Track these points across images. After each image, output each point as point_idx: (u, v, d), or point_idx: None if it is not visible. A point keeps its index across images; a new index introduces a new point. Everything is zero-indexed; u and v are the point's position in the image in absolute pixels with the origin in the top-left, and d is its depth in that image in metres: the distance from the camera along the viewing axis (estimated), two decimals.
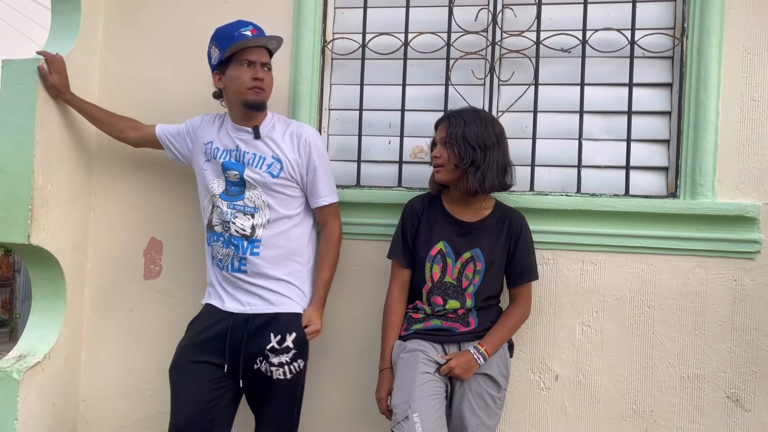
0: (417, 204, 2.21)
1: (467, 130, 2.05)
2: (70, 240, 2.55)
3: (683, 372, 2.25)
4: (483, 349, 2.04)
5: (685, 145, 2.26)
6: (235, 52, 2.13)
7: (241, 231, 2.17)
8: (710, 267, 2.24)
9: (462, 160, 2.04)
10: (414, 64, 2.52)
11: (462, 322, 2.11)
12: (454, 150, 2.05)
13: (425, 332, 2.12)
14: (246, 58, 2.14)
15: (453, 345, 2.10)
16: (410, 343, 2.11)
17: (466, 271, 2.10)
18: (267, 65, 2.19)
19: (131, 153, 2.60)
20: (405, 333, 2.16)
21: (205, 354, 2.14)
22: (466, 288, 2.10)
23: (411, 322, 2.16)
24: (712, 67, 2.22)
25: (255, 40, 2.14)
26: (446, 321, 2.11)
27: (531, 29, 2.41)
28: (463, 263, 2.11)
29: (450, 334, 2.11)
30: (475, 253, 2.10)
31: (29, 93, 2.34)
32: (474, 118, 2.08)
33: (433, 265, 2.12)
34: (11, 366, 2.37)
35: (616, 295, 2.29)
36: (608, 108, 2.38)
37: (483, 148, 2.04)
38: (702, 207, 2.21)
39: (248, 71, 2.14)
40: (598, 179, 2.37)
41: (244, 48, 2.14)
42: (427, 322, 2.13)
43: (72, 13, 2.54)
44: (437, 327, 2.12)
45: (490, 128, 2.07)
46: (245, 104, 2.17)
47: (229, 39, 2.13)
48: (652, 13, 2.36)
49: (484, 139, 2.04)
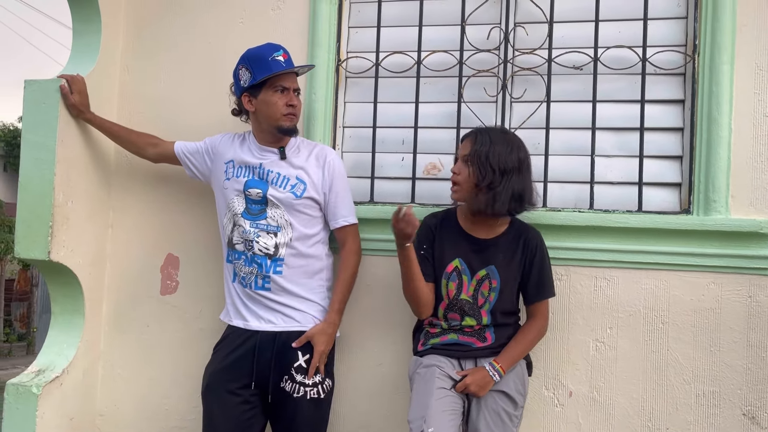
0: (432, 220, 2.22)
1: (492, 150, 2.02)
2: (88, 256, 2.59)
3: (698, 389, 2.24)
4: (498, 365, 2.04)
5: (698, 161, 2.26)
6: (268, 78, 2.17)
7: (265, 250, 2.20)
8: (725, 283, 2.23)
9: (482, 180, 2.02)
10: (427, 82, 2.55)
11: (479, 337, 2.11)
12: (475, 169, 2.03)
13: (442, 347, 2.13)
14: (280, 84, 2.18)
15: (469, 360, 2.10)
16: (427, 359, 2.12)
17: (481, 289, 2.11)
18: (298, 90, 2.25)
19: (149, 170, 2.65)
20: (422, 348, 2.17)
21: (236, 377, 2.19)
22: (482, 305, 2.11)
23: (428, 337, 2.17)
24: (724, 83, 2.23)
25: (291, 67, 2.19)
26: (463, 335, 2.12)
27: (543, 47, 2.43)
28: (478, 280, 2.11)
29: (467, 349, 2.11)
30: (491, 270, 2.11)
31: (51, 112, 2.40)
32: (501, 139, 2.06)
33: (449, 282, 2.13)
34: (30, 381, 2.41)
35: (629, 311, 2.29)
36: (620, 124, 2.39)
37: (502, 172, 2.02)
38: (716, 223, 2.21)
39: (282, 97, 2.18)
40: (610, 195, 2.38)
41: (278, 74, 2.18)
42: (443, 336, 2.14)
43: (93, 34, 2.61)
44: (454, 341, 2.12)
45: (515, 153, 2.05)
46: (279, 129, 2.21)
47: (262, 64, 2.16)
48: (664, 31, 2.37)
49: (506, 162, 2.02)
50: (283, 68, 2.17)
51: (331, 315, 2.22)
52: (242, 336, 2.22)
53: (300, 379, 2.16)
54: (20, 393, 2.38)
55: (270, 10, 2.63)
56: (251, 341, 2.20)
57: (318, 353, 2.16)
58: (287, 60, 2.20)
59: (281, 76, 2.18)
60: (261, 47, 2.22)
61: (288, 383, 2.15)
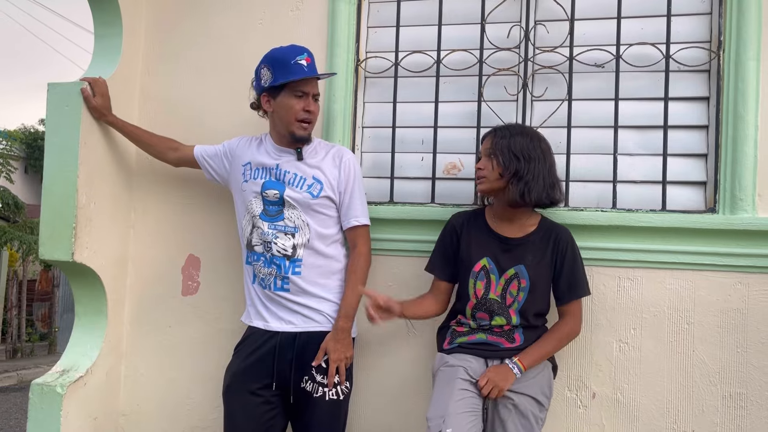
0: (458, 219, 2.22)
1: (512, 141, 2.05)
2: (111, 257, 2.61)
3: (725, 390, 2.20)
4: (517, 359, 2.02)
5: (723, 159, 2.23)
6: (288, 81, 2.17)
7: (283, 251, 2.20)
8: (751, 283, 2.19)
9: (506, 169, 2.03)
10: (446, 81, 2.54)
11: (507, 337, 2.10)
12: (498, 159, 2.04)
13: (469, 345, 2.12)
14: (300, 89, 2.17)
15: (496, 360, 2.08)
16: (453, 357, 2.10)
17: (510, 288, 2.09)
18: (317, 96, 2.24)
19: (170, 172, 2.67)
20: (449, 346, 2.15)
21: (257, 378, 2.20)
22: (511, 305, 2.09)
23: (455, 336, 2.16)
24: (750, 80, 2.19)
25: (312, 75, 2.17)
26: (491, 335, 2.10)
27: (564, 45, 2.41)
28: (507, 280, 2.10)
29: (494, 349, 2.09)
30: (519, 269, 2.09)
31: (74, 115, 2.42)
32: (520, 130, 2.09)
33: (477, 281, 2.12)
34: (55, 380, 2.43)
35: (654, 311, 2.26)
36: (643, 122, 2.36)
37: (527, 159, 2.02)
38: (742, 222, 2.17)
39: (300, 102, 2.18)
40: (634, 194, 2.35)
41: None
42: (472, 335, 2.12)
43: (114, 37, 2.63)
44: (482, 341, 2.11)
45: (536, 142, 2.07)
46: (292, 136, 2.22)
47: (284, 67, 2.15)
48: (688, 27, 2.34)
49: (529, 150, 2.04)
50: (304, 75, 2.15)
51: (341, 322, 2.19)
52: (263, 337, 2.22)
53: (320, 380, 2.16)
54: (45, 393, 2.41)
55: (289, 11, 2.63)
56: (272, 342, 2.20)
57: (333, 362, 2.16)
58: (310, 64, 2.18)
59: (301, 81, 2.17)
60: (285, 49, 2.21)
61: (308, 383, 2.15)
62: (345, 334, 2.19)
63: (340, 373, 2.17)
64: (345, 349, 2.18)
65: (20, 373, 8.87)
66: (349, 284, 2.24)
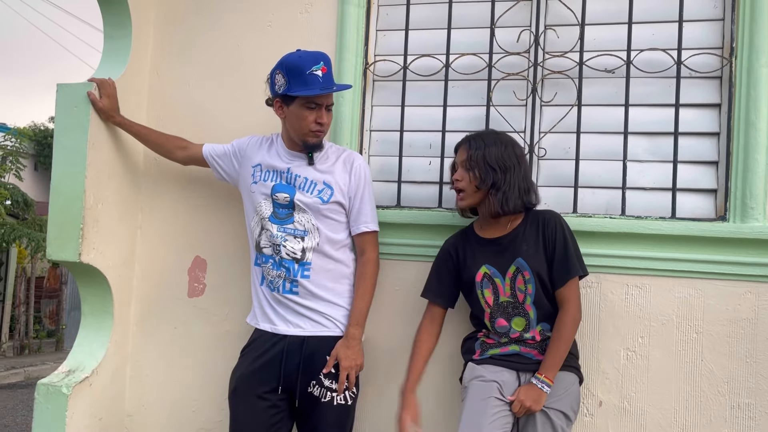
0: (450, 242, 2.25)
1: (488, 152, 2.07)
2: (118, 258, 2.62)
3: (733, 401, 2.18)
4: (543, 376, 2.00)
5: (734, 167, 2.20)
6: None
7: (292, 254, 2.20)
8: (762, 293, 2.17)
9: (483, 182, 2.06)
10: (455, 85, 2.53)
11: (539, 349, 2.08)
12: (474, 172, 2.06)
13: (501, 357, 2.10)
14: (314, 101, 2.15)
15: (528, 373, 2.06)
16: (484, 369, 2.09)
17: (517, 285, 2.08)
18: (330, 106, 2.22)
19: (177, 173, 2.67)
20: (479, 357, 2.14)
21: (264, 381, 2.19)
22: (524, 301, 2.08)
23: (486, 347, 2.14)
24: (762, 87, 2.17)
25: (326, 92, 2.15)
26: (525, 347, 2.09)
27: (574, 50, 2.39)
28: (511, 278, 2.09)
29: (527, 361, 2.08)
30: (519, 263, 2.08)
31: (82, 116, 2.43)
32: (494, 140, 2.10)
33: (483, 290, 2.11)
34: (61, 381, 2.44)
35: (662, 320, 2.24)
36: (654, 129, 2.35)
37: (503, 170, 2.05)
38: (753, 231, 2.15)
39: (313, 113, 2.16)
40: (643, 201, 2.33)
41: None
42: (504, 347, 2.11)
43: (123, 38, 2.63)
44: (515, 353, 2.09)
45: (510, 149, 2.09)
46: (304, 144, 2.21)
47: (299, 77, 2.12)
48: (699, 33, 2.32)
49: (504, 160, 2.06)
50: (318, 91, 2.12)
51: (351, 329, 2.19)
52: (270, 340, 2.22)
53: (328, 384, 2.15)
54: (50, 393, 2.41)
55: (298, 14, 2.63)
56: (279, 345, 2.20)
57: (344, 369, 2.15)
58: (326, 74, 2.14)
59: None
60: (302, 57, 2.16)
61: (316, 388, 2.15)
62: (356, 341, 2.19)
63: (350, 380, 2.16)
64: (356, 356, 2.17)
65: (27, 370, 8.92)
66: (358, 291, 2.23)
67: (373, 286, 2.26)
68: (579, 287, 2.09)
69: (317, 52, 2.20)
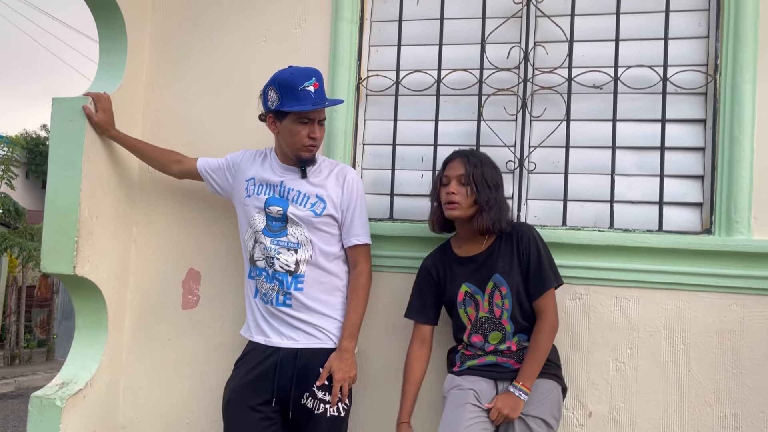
0: (428, 261, 2.28)
1: (485, 170, 2.14)
2: (112, 270, 2.63)
3: (720, 411, 2.22)
4: (521, 384, 2.03)
5: (719, 181, 2.25)
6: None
7: (286, 267, 2.23)
8: (747, 305, 2.21)
9: (479, 198, 2.11)
10: (446, 100, 2.57)
11: (516, 358, 2.11)
12: (473, 188, 2.11)
13: (479, 368, 2.14)
14: (306, 116, 2.18)
15: (506, 382, 2.09)
16: (463, 379, 2.13)
17: (494, 300, 2.12)
18: (323, 120, 2.25)
19: (172, 186, 2.69)
20: (458, 369, 2.18)
21: (257, 393, 2.21)
22: (500, 316, 2.12)
23: (464, 359, 2.18)
24: (746, 103, 2.22)
25: (318, 107, 2.17)
26: (501, 357, 2.13)
27: (563, 66, 2.44)
28: (489, 294, 2.13)
29: (504, 371, 2.11)
30: (496, 279, 2.12)
31: (78, 129, 2.45)
32: (487, 159, 2.20)
33: (466, 308, 2.15)
34: (54, 393, 2.44)
35: (650, 331, 2.28)
36: (641, 144, 2.39)
37: (497, 189, 2.14)
38: (738, 244, 2.20)
39: (305, 128, 2.19)
40: (631, 215, 2.37)
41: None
42: (482, 358, 2.15)
43: (118, 53, 2.66)
44: (492, 363, 2.13)
45: (498, 171, 2.20)
46: (297, 158, 2.24)
47: (291, 93, 2.15)
48: (685, 50, 2.37)
49: (496, 179, 2.16)
50: (310, 107, 2.15)
51: (344, 342, 2.21)
52: (264, 353, 2.24)
53: (321, 396, 2.17)
54: (44, 405, 2.42)
55: (292, 29, 2.67)
56: (273, 358, 2.22)
57: (337, 382, 2.17)
58: (317, 90, 2.17)
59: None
60: (294, 73, 2.19)
61: (309, 400, 2.17)
62: (349, 354, 2.21)
63: (343, 393, 2.19)
64: (349, 369, 2.20)
65: (18, 380, 8.87)
66: (351, 304, 2.26)
67: (366, 298, 2.28)
68: (555, 297, 2.13)
69: (309, 68, 2.24)
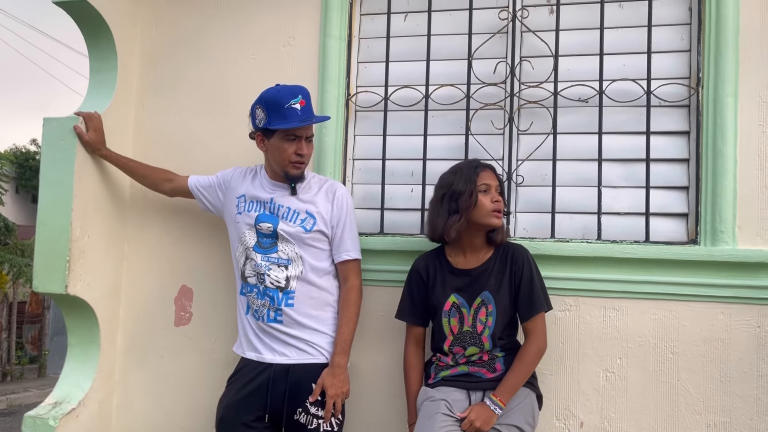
0: (420, 263, 2.28)
1: (500, 180, 2.23)
2: (104, 289, 2.64)
3: (709, 419, 2.24)
4: (497, 399, 2.05)
5: (704, 192, 2.29)
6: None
7: (276, 283, 2.24)
8: (733, 313, 2.24)
9: (506, 207, 2.23)
10: (435, 115, 2.60)
11: (488, 368, 2.14)
12: (504, 200, 2.20)
13: (452, 378, 2.16)
14: (293, 134, 2.21)
15: (478, 392, 2.12)
16: (436, 391, 2.14)
17: (479, 316, 2.14)
18: (310, 137, 2.28)
19: (163, 204, 2.71)
20: (432, 381, 2.20)
21: (250, 410, 2.21)
22: (482, 332, 2.13)
23: (438, 370, 2.20)
24: (729, 115, 2.26)
25: (304, 124, 2.20)
26: (473, 366, 2.14)
27: (549, 80, 2.48)
28: (475, 309, 2.15)
29: (476, 380, 2.13)
30: (485, 296, 2.15)
31: (69, 149, 2.47)
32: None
33: (450, 318, 2.17)
34: (47, 413, 2.44)
35: (639, 341, 2.31)
36: (627, 156, 2.43)
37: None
38: (723, 254, 2.23)
39: (292, 145, 2.21)
40: (618, 226, 2.41)
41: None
42: (454, 368, 2.17)
43: (109, 71, 2.68)
44: (464, 373, 2.15)
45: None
46: (286, 175, 2.27)
47: (278, 111, 2.18)
48: (668, 64, 2.41)
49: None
50: (296, 124, 2.18)
51: (336, 358, 2.22)
52: (256, 369, 2.25)
53: (314, 411, 2.18)
54: (37, 425, 2.41)
55: (281, 46, 2.70)
56: (265, 374, 2.23)
57: (330, 398, 2.18)
58: (304, 107, 2.20)
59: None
60: (280, 91, 2.22)
61: (302, 415, 2.18)
62: (342, 370, 2.22)
63: (336, 408, 2.20)
64: (342, 385, 2.21)
65: (10, 398, 8.78)
66: (342, 319, 2.27)
67: (357, 313, 2.30)
68: (545, 321, 2.16)
69: (296, 86, 2.27)
